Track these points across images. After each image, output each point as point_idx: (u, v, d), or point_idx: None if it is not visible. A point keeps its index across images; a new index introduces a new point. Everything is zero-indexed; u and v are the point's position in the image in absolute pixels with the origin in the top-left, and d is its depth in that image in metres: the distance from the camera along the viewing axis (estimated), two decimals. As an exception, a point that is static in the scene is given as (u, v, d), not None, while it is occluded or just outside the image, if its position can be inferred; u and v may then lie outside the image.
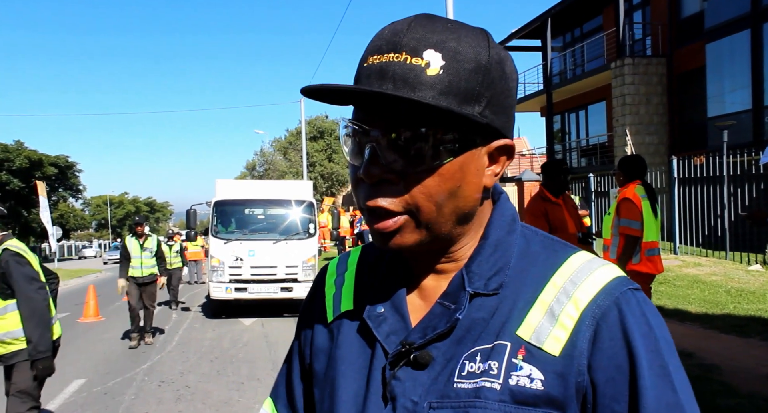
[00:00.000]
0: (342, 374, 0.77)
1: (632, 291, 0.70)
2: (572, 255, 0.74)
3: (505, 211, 0.78)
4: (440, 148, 0.67)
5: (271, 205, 11.44)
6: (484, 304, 0.72)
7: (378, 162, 0.68)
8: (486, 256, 0.74)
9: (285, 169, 40.51)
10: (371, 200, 0.69)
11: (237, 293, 10.47)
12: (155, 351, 8.07)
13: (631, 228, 4.56)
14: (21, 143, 45.33)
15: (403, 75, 0.66)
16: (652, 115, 16.31)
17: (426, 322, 0.72)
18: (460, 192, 0.70)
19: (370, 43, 0.70)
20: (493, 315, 0.71)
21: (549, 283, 0.71)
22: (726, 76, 13.97)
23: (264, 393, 5.89)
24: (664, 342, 0.68)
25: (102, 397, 5.92)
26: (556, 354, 0.67)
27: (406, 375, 0.71)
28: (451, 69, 0.66)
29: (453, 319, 0.71)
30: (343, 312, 0.82)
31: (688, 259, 11.08)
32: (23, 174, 43.10)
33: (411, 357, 0.71)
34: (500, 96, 0.70)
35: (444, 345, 0.71)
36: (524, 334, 0.68)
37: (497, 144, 0.72)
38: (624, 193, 4.71)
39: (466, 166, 0.70)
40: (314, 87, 0.67)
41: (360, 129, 0.69)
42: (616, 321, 0.67)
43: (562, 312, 0.68)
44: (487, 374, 0.67)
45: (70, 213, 62.11)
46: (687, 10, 16.04)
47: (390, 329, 0.75)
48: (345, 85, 0.66)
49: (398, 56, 0.66)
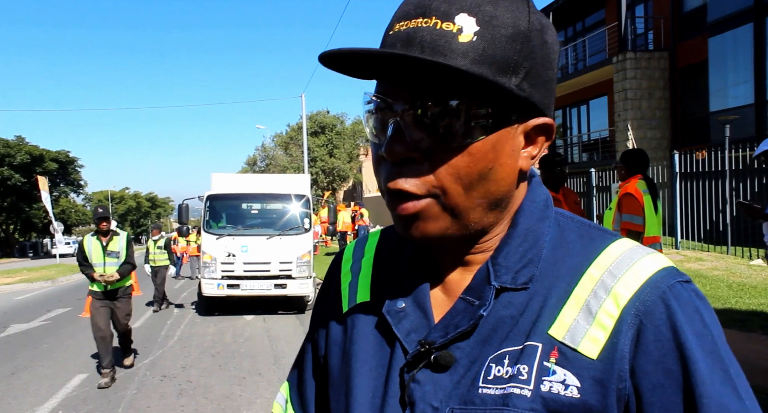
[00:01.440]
0: (357, 372, 0.71)
1: (682, 283, 0.61)
2: (612, 243, 0.65)
3: (537, 196, 0.70)
4: (471, 125, 0.60)
5: (265, 200, 11.17)
6: (513, 300, 0.64)
7: (402, 139, 0.61)
8: (514, 247, 0.66)
9: (286, 164, 40.49)
10: (392, 181, 0.63)
11: (229, 290, 10.19)
12: (157, 346, 8.09)
13: (633, 223, 4.55)
14: (22, 138, 45.37)
15: (433, 41, 0.59)
16: (654, 110, 16.26)
17: (448, 320, 0.66)
18: (492, 174, 0.62)
19: (397, 10, 0.64)
20: (523, 313, 0.63)
21: (585, 276, 0.63)
22: (728, 70, 13.92)
23: (265, 388, 5.90)
24: (722, 342, 0.60)
25: (104, 392, 5.93)
26: (593, 357, 0.59)
27: (426, 378, 0.65)
28: (485, 35, 0.59)
29: (476, 317, 0.64)
30: (359, 303, 0.76)
31: (690, 254, 11.08)
32: (24, 169, 43.16)
33: (431, 358, 0.65)
34: (540, 67, 0.63)
35: (467, 346, 0.64)
36: (557, 334, 0.61)
37: (535, 122, 0.65)
38: (626, 188, 4.70)
39: (499, 146, 0.62)
40: (332, 52, 0.60)
41: (383, 102, 0.63)
42: (664, 318, 0.59)
43: (600, 310, 0.61)
44: (516, 379, 0.60)
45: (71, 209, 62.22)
46: (689, 3, 15.96)
47: (411, 326, 0.68)
48: (365, 48, 0.58)
49: (427, 21, 0.60)
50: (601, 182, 14.15)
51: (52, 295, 15.89)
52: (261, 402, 5.48)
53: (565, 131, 22.24)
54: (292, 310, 10.69)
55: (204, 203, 10.84)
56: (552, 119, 0.66)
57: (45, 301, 14.34)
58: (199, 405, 5.42)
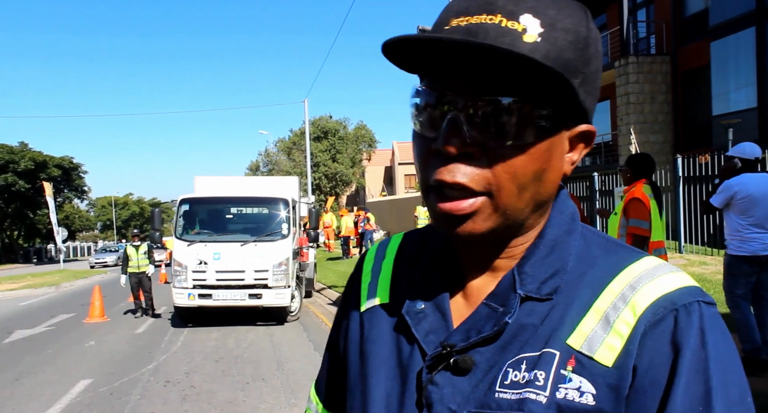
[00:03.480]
0: (375, 372, 0.71)
1: (701, 303, 0.61)
2: (637, 260, 0.65)
3: (565, 209, 0.71)
4: (531, 125, 0.60)
5: (242, 203, 10.51)
6: (535, 309, 0.65)
7: (460, 133, 0.60)
8: (541, 257, 0.67)
9: (289, 169, 40.56)
10: (449, 175, 0.61)
11: (201, 300, 9.51)
12: (160, 352, 8.10)
13: (640, 228, 4.53)
14: (25, 144, 45.56)
15: (498, 37, 0.58)
16: (657, 114, 16.26)
17: (470, 324, 0.66)
18: (545, 176, 0.63)
19: (451, 5, 0.63)
20: (543, 322, 0.64)
21: (606, 290, 0.63)
22: (731, 73, 13.91)
23: (269, 393, 5.90)
24: (717, 364, 0.59)
25: (108, 397, 5.94)
26: (609, 364, 0.60)
27: (444, 381, 0.65)
28: (549, 38, 0.59)
29: (501, 323, 0.64)
30: (378, 304, 0.76)
31: (693, 258, 11.05)
32: (28, 175, 43.31)
33: (451, 360, 0.65)
34: (593, 76, 0.64)
35: (488, 351, 0.64)
36: (575, 343, 0.61)
37: (581, 129, 0.65)
38: (632, 192, 4.68)
39: (554, 148, 0.63)
40: (398, 39, 0.59)
41: (441, 96, 0.62)
42: (668, 332, 0.60)
43: (617, 319, 0.61)
44: (532, 384, 0.61)
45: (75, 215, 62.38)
46: (691, 8, 15.97)
47: (430, 327, 0.68)
48: (442, 35, 0.58)
49: (492, 18, 0.59)
50: (604, 186, 14.13)
51: (56, 301, 15.92)
52: (264, 407, 5.48)
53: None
54: (270, 321, 10.07)
55: (176, 207, 10.21)
56: (594, 127, 0.67)
57: (49, 307, 14.37)
58: (202, 410, 5.43)
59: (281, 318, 10.10)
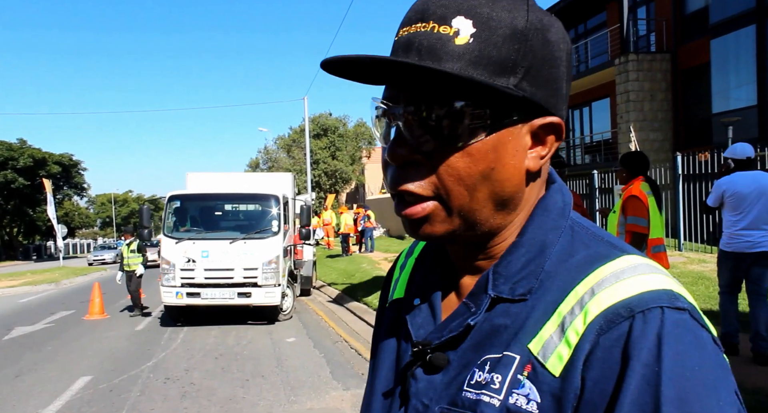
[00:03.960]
0: (380, 364, 0.76)
1: (665, 309, 0.56)
2: (612, 260, 0.62)
3: (552, 204, 0.68)
4: (471, 126, 0.61)
5: (231, 200, 10.34)
6: (509, 311, 0.64)
7: (404, 142, 0.62)
8: (517, 256, 0.66)
9: (289, 166, 40.53)
10: (398, 183, 0.64)
11: (189, 299, 9.36)
12: (160, 349, 8.10)
13: (638, 225, 4.55)
14: (24, 141, 45.48)
15: (429, 46, 0.60)
16: (657, 112, 16.25)
17: (447, 322, 0.67)
18: (494, 175, 0.62)
19: (404, 16, 0.65)
20: (513, 323, 0.64)
21: (572, 292, 0.61)
22: (731, 71, 13.90)
23: (269, 390, 5.91)
24: (674, 377, 0.53)
25: (108, 394, 5.95)
26: (556, 374, 0.59)
27: (422, 376, 0.68)
28: (482, 37, 0.59)
29: (464, 324, 0.65)
30: (395, 299, 0.81)
31: (693, 256, 11.06)
32: (27, 172, 43.26)
33: (427, 358, 0.67)
34: (542, 66, 0.62)
35: (461, 350, 0.66)
36: (534, 348, 0.61)
37: (541, 122, 0.64)
38: (630, 190, 4.70)
39: (501, 146, 0.62)
40: (333, 59, 0.61)
41: (387, 106, 0.64)
42: (620, 341, 0.56)
43: (570, 327, 0.59)
44: (488, 387, 0.61)
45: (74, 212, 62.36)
46: (691, 5, 15.96)
47: (421, 323, 0.71)
48: (361, 55, 0.59)
49: (425, 25, 0.61)
50: (604, 184, 14.14)
51: (56, 298, 15.92)
52: (264, 404, 5.49)
53: (567, 133, 22.19)
54: (262, 320, 9.96)
55: (165, 204, 10.10)
56: (561, 118, 0.65)
57: (49, 304, 14.37)
58: (202, 407, 5.43)
59: (272, 317, 9.96)
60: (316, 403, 5.47)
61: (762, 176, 4.98)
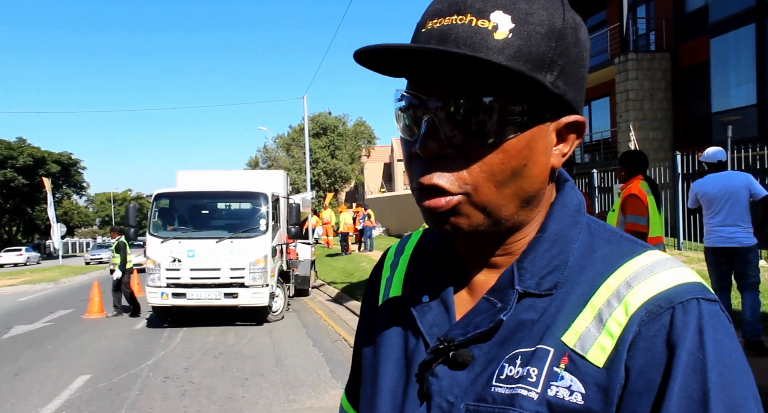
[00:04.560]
0: (384, 362, 0.74)
1: (700, 300, 0.59)
2: (639, 254, 0.64)
3: (569, 201, 0.70)
4: (506, 122, 0.61)
5: (218, 198, 10.08)
6: (535, 305, 0.65)
7: (436, 136, 0.61)
8: (541, 252, 0.66)
9: (288, 165, 40.53)
10: (426, 177, 0.62)
11: (174, 299, 9.18)
12: (160, 347, 8.10)
13: (638, 224, 4.56)
14: (24, 140, 45.46)
15: (468, 38, 0.59)
16: (656, 111, 16.24)
17: (469, 318, 0.67)
18: (525, 171, 0.63)
19: (429, 7, 0.64)
20: (541, 317, 0.64)
21: (603, 285, 0.63)
22: (731, 70, 13.90)
23: (268, 389, 5.91)
24: (717, 364, 0.56)
25: (107, 393, 5.94)
26: (600, 365, 0.59)
27: (444, 373, 0.66)
28: (521, 32, 0.59)
29: (496, 320, 0.64)
30: (392, 297, 0.79)
31: (692, 255, 11.06)
32: (27, 171, 43.25)
33: (450, 355, 0.66)
34: (574, 65, 0.63)
35: (487, 346, 0.65)
36: (569, 341, 0.61)
37: (567, 120, 0.65)
38: (629, 189, 4.71)
39: (533, 143, 0.63)
40: (368, 48, 0.59)
41: (416, 99, 0.63)
42: (663, 331, 0.58)
43: (610, 318, 0.60)
44: (525, 380, 0.61)
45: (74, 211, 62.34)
46: (691, 4, 15.95)
47: (433, 320, 0.70)
48: (402, 44, 0.59)
49: (462, 18, 0.60)
50: (603, 183, 14.13)
51: (55, 297, 15.93)
52: (263, 403, 5.49)
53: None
54: (251, 321, 9.79)
55: (151, 203, 9.89)
56: (582, 117, 0.66)
57: (48, 303, 14.38)
58: (201, 406, 5.43)
59: (261, 318, 9.76)
60: (315, 402, 5.47)
61: (732, 176, 5.26)
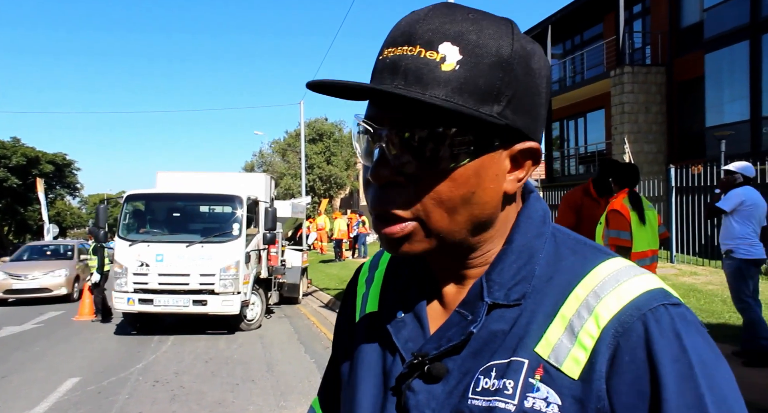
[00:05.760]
0: (362, 378, 0.75)
1: (667, 306, 0.61)
2: (602, 262, 0.66)
3: (534, 212, 0.71)
4: (454, 151, 0.62)
5: (191, 200, 9.76)
6: (505, 316, 0.66)
7: (387, 163, 0.63)
8: (509, 263, 0.68)
9: (283, 170, 40.51)
10: (379, 204, 0.65)
11: (141, 305, 8.82)
12: (150, 351, 8.05)
13: (620, 238, 4.62)
14: (18, 140, 45.23)
15: (416, 70, 0.61)
16: (651, 124, 16.36)
17: (442, 332, 0.68)
18: (474, 198, 0.64)
19: (388, 35, 0.65)
20: (512, 328, 0.65)
21: (571, 295, 0.64)
22: (725, 86, 14.02)
23: (259, 395, 5.88)
24: (701, 367, 0.58)
25: (96, 396, 5.90)
26: (575, 377, 0.60)
27: (420, 387, 0.67)
28: (468, 64, 0.60)
29: (467, 332, 0.66)
30: (368, 313, 0.79)
31: (685, 268, 11.11)
32: (20, 171, 43.02)
33: (425, 369, 0.67)
34: (524, 94, 0.64)
35: (460, 358, 0.66)
36: (543, 352, 0.62)
37: (520, 147, 0.66)
38: (612, 204, 4.76)
39: (483, 171, 0.64)
40: (319, 82, 0.63)
41: (369, 128, 0.64)
42: (641, 341, 0.59)
43: (582, 330, 0.61)
44: (501, 393, 0.62)
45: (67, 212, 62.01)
46: (687, 19, 16.10)
47: (408, 336, 0.71)
48: (347, 81, 0.61)
49: (412, 49, 0.61)
50: (597, 195, 14.19)
51: (46, 298, 15.77)
52: (253, 409, 5.46)
53: (562, 143, 22.32)
54: (221, 330, 9.49)
55: (122, 204, 9.65)
56: (538, 143, 0.67)
57: (38, 304, 14.25)
58: (191, 411, 5.40)
59: (234, 326, 9.43)
60: (305, 409, 5.44)
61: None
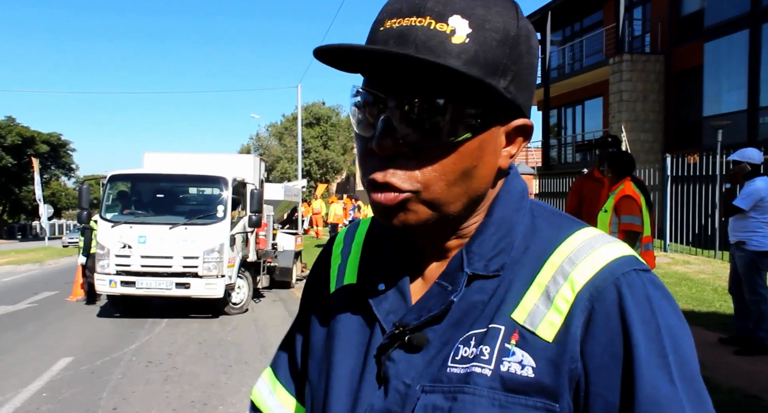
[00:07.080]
0: (339, 349, 0.75)
1: (638, 272, 0.64)
2: (576, 231, 0.68)
3: (513, 187, 0.73)
4: (461, 124, 0.63)
5: (175, 181, 9.60)
6: (485, 287, 0.68)
7: (392, 134, 0.63)
8: (488, 235, 0.70)
9: (280, 154, 40.42)
10: (380, 174, 0.64)
11: (123, 288, 8.69)
12: (144, 332, 8.08)
13: (634, 224, 4.68)
14: (12, 119, 44.88)
15: (427, 41, 0.60)
16: (648, 113, 16.35)
17: (423, 303, 0.69)
18: (475, 172, 0.65)
19: (386, 6, 0.65)
20: (491, 298, 0.67)
21: (547, 262, 0.66)
22: (723, 75, 13.99)
23: (252, 377, 5.91)
24: (667, 330, 0.62)
25: (89, 376, 5.92)
26: (549, 339, 0.62)
27: (400, 357, 0.68)
28: (478, 38, 0.61)
29: (447, 302, 0.67)
30: (346, 285, 0.79)
31: (678, 257, 11.17)
32: (15, 151, 42.76)
33: (405, 339, 0.68)
34: (525, 71, 0.66)
35: (441, 328, 0.68)
36: (519, 318, 0.64)
37: (517, 123, 0.68)
38: (622, 190, 4.81)
39: (485, 145, 0.65)
40: (328, 47, 0.61)
41: (374, 97, 0.64)
42: (614, 304, 0.62)
43: (557, 295, 0.64)
44: (478, 359, 0.64)
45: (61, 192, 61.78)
46: (687, 8, 16.02)
47: (390, 308, 0.72)
48: (362, 45, 0.60)
49: (422, 20, 0.61)
50: (593, 183, 14.22)
51: (40, 278, 15.82)
52: (246, 390, 5.49)
53: (559, 131, 22.31)
54: (206, 313, 9.35)
55: (105, 185, 9.45)
56: (530, 121, 0.69)
57: (32, 284, 14.28)
58: (184, 392, 5.43)
59: (218, 310, 9.28)
60: (298, 391, 5.48)
61: None
